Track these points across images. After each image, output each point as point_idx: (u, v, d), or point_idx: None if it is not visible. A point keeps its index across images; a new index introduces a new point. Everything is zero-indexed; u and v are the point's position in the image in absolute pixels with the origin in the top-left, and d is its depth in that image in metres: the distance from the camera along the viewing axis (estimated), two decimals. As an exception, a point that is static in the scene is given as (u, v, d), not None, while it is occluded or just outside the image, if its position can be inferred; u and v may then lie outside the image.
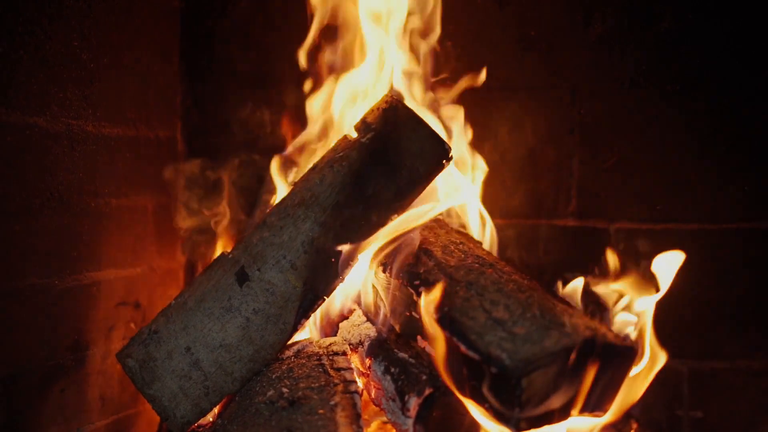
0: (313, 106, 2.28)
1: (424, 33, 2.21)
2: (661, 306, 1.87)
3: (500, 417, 1.59)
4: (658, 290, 1.88)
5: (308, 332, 2.08)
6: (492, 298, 1.70)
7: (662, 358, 1.80)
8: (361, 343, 1.93)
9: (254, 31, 2.53)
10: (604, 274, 2.04)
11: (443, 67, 2.33)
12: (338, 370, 1.77)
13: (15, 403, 1.85)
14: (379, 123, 1.87)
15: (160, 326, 1.82)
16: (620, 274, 2.00)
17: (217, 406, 1.84)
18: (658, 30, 2.27)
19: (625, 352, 1.68)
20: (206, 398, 1.80)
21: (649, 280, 1.93)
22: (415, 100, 2.16)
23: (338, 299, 2.08)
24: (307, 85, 2.32)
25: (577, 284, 1.92)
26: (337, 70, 2.24)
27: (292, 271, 1.80)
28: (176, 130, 2.51)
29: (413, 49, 2.20)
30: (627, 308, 1.88)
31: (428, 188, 1.95)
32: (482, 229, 2.15)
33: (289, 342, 1.88)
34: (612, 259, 2.07)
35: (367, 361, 1.89)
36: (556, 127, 2.36)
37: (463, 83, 2.23)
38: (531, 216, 2.38)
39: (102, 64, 2.08)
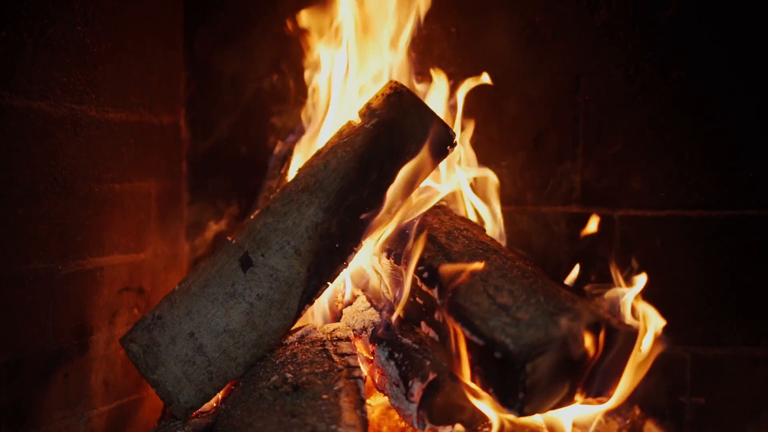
0: (316, 94, 2.28)
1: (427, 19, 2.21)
2: (664, 293, 1.87)
3: (504, 402, 1.60)
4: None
5: (312, 318, 2.08)
6: (496, 284, 1.70)
7: (662, 344, 1.80)
8: (364, 329, 1.93)
9: (258, 16, 2.52)
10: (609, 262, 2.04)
11: (447, 53, 2.33)
12: (342, 355, 1.77)
13: (19, 388, 1.85)
14: (383, 109, 1.87)
15: (164, 311, 1.82)
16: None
17: (221, 392, 1.84)
18: (663, 16, 2.27)
19: (628, 338, 1.69)
20: (210, 383, 1.80)
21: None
22: (419, 87, 2.15)
23: (342, 285, 2.09)
24: (310, 71, 2.32)
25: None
26: (339, 57, 2.24)
27: (296, 257, 1.80)
28: (180, 116, 2.51)
29: (417, 35, 2.20)
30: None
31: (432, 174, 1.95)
32: (487, 216, 2.16)
33: (293, 328, 1.88)
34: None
35: (371, 347, 1.89)
36: (560, 113, 2.36)
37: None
38: (535, 202, 2.37)
39: (106, 48, 2.07)
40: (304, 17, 2.27)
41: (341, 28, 2.22)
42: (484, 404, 1.68)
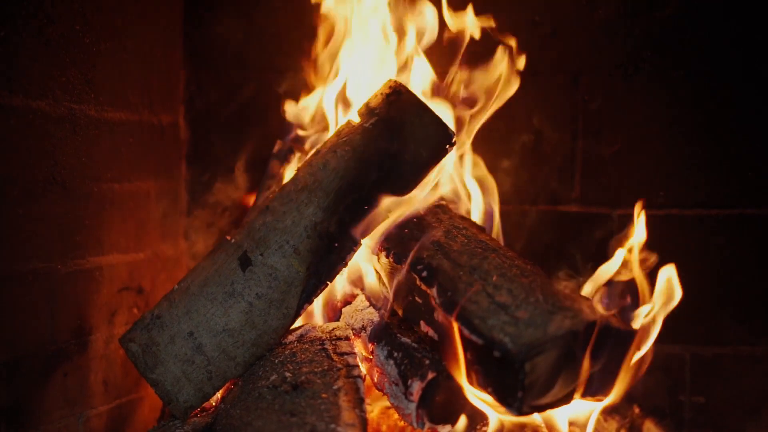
0: (316, 92, 2.28)
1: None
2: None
3: (503, 401, 1.60)
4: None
5: (311, 317, 2.08)
6: (495, 283, 1.70)
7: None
8: (363, 328, 1.93)
9: (257, 16, 2.52)
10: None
11: (446, 52, 2.33)
12: (341, 354, 1.77)
13: (18, 387, 1.85)
14: (382, 108, 1.87)
15: (163, 311, 1.82)
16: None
17: (220, 391, 1.84)
18: (662, 15, 2.27)
19: (626, 337, 1.69)
20: (209, 383, 1.80)
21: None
22: (418, 86, 2.15)
23: (341, 284, 2.08)
24: (309, 70, 2.32)
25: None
26: (341, 55, 2.24)
27: (295, 256, 1.80)
28: (179, 115, 2.51)
29: (415, 32, 2.19)
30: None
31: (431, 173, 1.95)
32: (485, 215, 2.16)
33: (292, 327, 1.88)
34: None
35: (370, 346, 1.89)
36: (559, 112, 2.36)
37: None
38: (534, 202, 2.38)
39: (104, 48, 2.07)
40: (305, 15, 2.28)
41: (341, 27, 2.22)
42: (483, 403, 1.68)
